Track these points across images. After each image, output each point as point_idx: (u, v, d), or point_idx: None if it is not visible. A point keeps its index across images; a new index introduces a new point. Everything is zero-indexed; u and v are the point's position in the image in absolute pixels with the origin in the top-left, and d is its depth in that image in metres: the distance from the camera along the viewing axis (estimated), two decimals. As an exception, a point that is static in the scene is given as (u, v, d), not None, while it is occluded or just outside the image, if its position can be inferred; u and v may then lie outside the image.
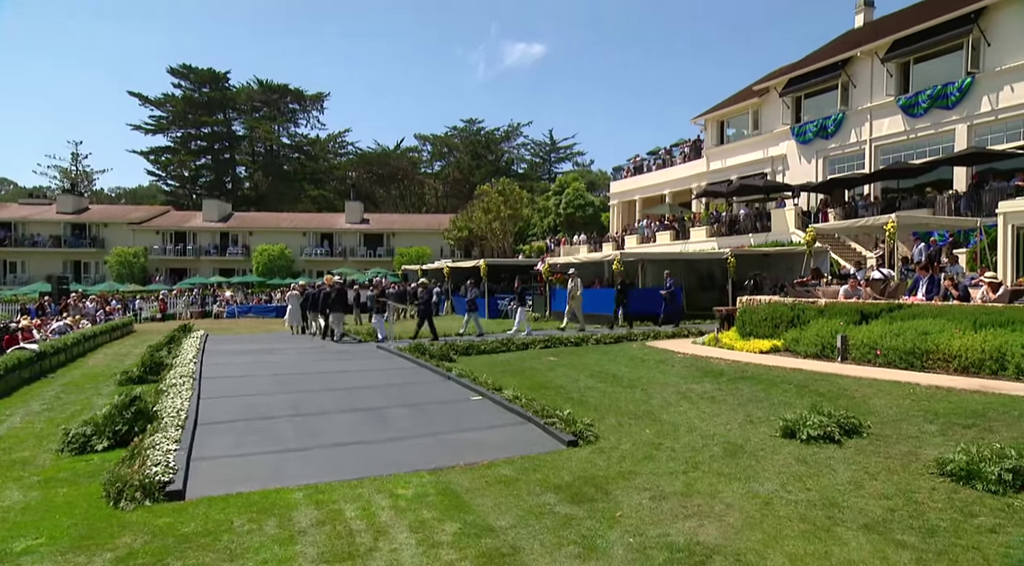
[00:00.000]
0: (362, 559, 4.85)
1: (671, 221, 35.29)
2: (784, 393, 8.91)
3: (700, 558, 4.63)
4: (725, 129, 36.79)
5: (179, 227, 57.74)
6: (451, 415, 9.18)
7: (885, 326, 10.71)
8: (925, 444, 6.42)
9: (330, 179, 79.59)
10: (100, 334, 23.86)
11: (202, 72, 74.21)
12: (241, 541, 5.21)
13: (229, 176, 79.08)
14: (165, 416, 8.69)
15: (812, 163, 31.24)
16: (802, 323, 12.59)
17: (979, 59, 25.53)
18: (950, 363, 9.39)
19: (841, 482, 5.81)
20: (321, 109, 79.84)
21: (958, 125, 26.17)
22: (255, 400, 10.29)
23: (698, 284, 26.49)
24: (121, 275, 52.18)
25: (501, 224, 45.44)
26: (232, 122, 77.58)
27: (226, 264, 56.12)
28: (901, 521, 4.98)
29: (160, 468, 6.64)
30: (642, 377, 11.13)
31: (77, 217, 57.49)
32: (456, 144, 79.20)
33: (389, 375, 12.52)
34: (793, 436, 6.94)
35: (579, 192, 50.02)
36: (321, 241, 57.09)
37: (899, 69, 28.27)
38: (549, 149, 79.56)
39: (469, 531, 5.30)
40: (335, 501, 6.04)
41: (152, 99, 74.27)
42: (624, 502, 5.77)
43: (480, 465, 6.98)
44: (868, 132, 29.05)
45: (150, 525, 5.63)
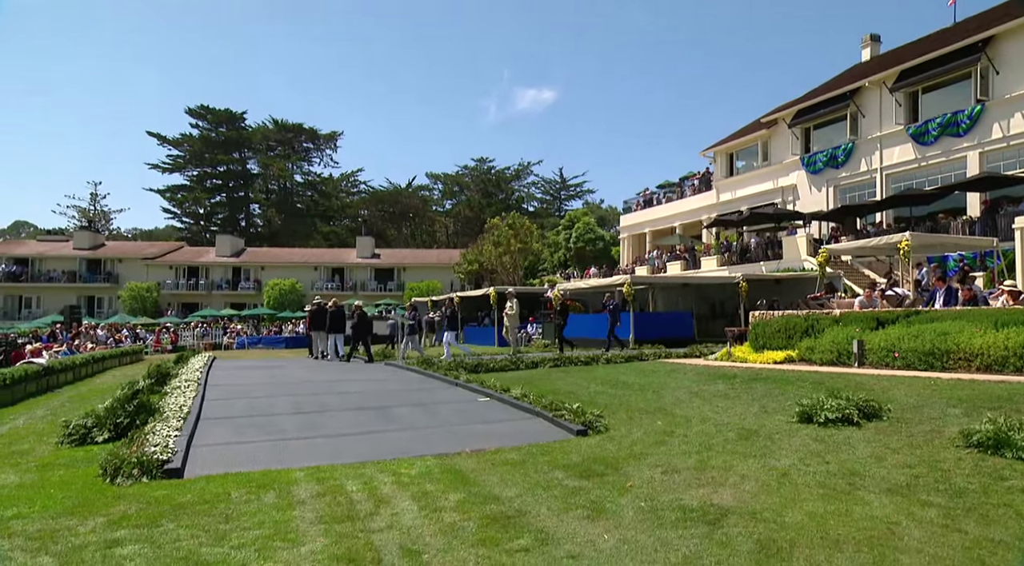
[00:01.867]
0: (362, 521, 4.66)
1: (682, 251, 35.19)
2: (799, 389, 8.66)
3: (714, 517, 4.41)
4: (734, 161, 36.95)
5: (192, 262, 58.24)
6: (458, 413, 8.98)
7: (903, 330, 10.47)
8: (948, 424, 6.17)
9: (342, 217, 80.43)
10: (109, 358, 23.81)
11: (219, 112, 75.93)
12: (238, 508, 5.03)
13: (243, 213, 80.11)
14: (167, 411, 8.55)
15: (823, 192, 31.22)
16: (816, 332, 12.35)
17: (988, 87, 25.63)
18: (972, 362, 9.11)
19: (861, 456, 5.57)
20: (335, 148, 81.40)
21: (969, 152, 26.13)
22: (258, 401, 10.14)
23: (709, 312, 26.22)
24: (133, 309, 52.45)
25: (511, 258, 45.47)
26: (247, 161, 78.97)
27: (237, 298, 56.36)
28: (926, 485, 4.74)
29: (159, 449, 6.49)
30: (652, 383, 10.89)
31: (93, 253, 58.17)
32: (467, 183, 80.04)
33: (396, 383, 12.34)
34: (810, 420, 6.70)
35: (589, 226, 50.15)
36: (332, 276, 57.35)
37: (908, 98, 28.41)
38: (559, 187, 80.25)
39: (473, 499, 5.10)
40: (336, 479, 5.85)
41: (170, 139, 75.95)
42: (635, 476, 5.55)
43: (487, 451, 6.77)
44: (879, 161, 29.06)
45: (146, 496, 5.46)
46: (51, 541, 4.41)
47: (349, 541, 4.25)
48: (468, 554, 3.98)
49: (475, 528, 4.43)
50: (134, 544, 4.26)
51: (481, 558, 3.91)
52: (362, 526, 4.55)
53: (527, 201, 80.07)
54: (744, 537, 4.03)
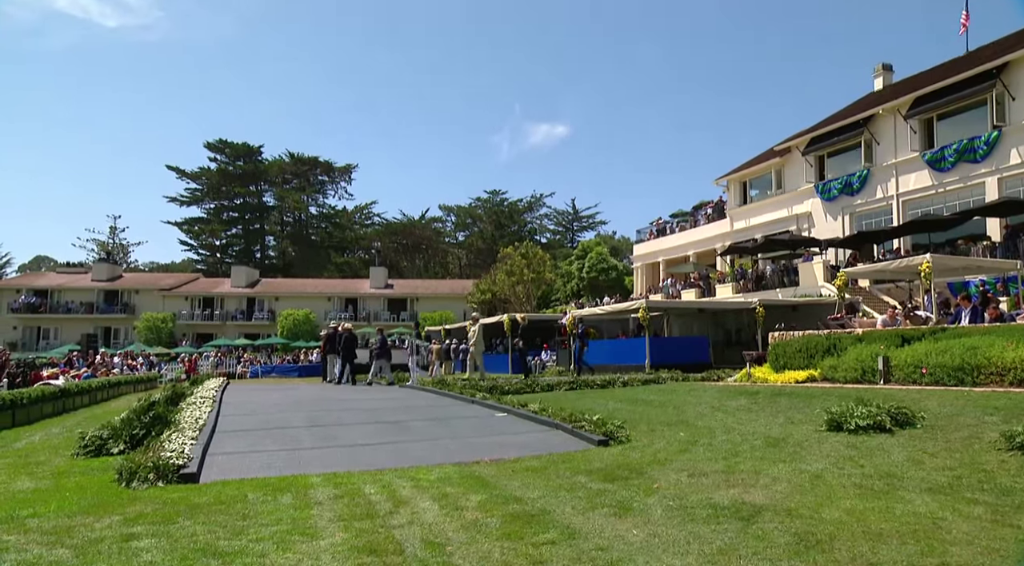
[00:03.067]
0: (382, 519, 4.53)
1: (696, 279, 34.97)
2: (825, 401, 8.42)
3: (747, 514, 4.24)
4: (748, 189, 36.91)
5: (207, 293, 58.62)
6: (475, 427, 8.84)
7: (930, 345, 10.23)
8: (987, 430, 5.95)
9: (356, 248, 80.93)
10: (124, 384, 23.86)
11: (237, 146, 77.21)
12: (255, 508, 4.91)
13: (258, 245, 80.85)
14: (183, 423, 8.47)
15: (838, 220, 31.02)
16: (839, 351, 12.10)
17: (1004, 113, 25.54)
18: (1004, 377, 8.86)
19: (897, 460, 5.38)
20: (349, 180, 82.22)
21: (987, 178, 25.93)
22: (272, 416, 10.04)
23: (725, 338, 25.95)
24: (149, 340, 52.73)
25: (524, 287, 45.41)
26: (263, 193, 79.97)
27: (251, 329, 56.51)
28: (970, 485, 4.55)
29: (175, 454, 6.40)
30: (672, 400, 10.68)
31: (110, 284, 58.76)
32: (480, 215, 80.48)
33: (411, 401, 12.20)
34: (840, 428, 6.49)
35: (602, 256, 50.09)
36: (345, 306, 57.45)
37: (923, 125, 28.36)
38: (572, 218, 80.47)
39: (495, 500, 4.95)
40: (353, 483, 5.72)
41: (189, 172, 77.18)
42: (661, 479, 5.38)
43: (506, 460, 6.62)
44: (895, 187, 28.90)
45: (161, 498, 5.36)
46: (67, 536, 4.31)
47: (369, 535, 4.12)
48: (492, 546, 3.84)
49: (498, 524, 4.29)
50: (150, 538, 4.16)
51: (506, 550, 3.76)
52: (382, 523, 4.42)
53: (540, 233, 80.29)
54: (781, 531, 3.86)
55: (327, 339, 20.45)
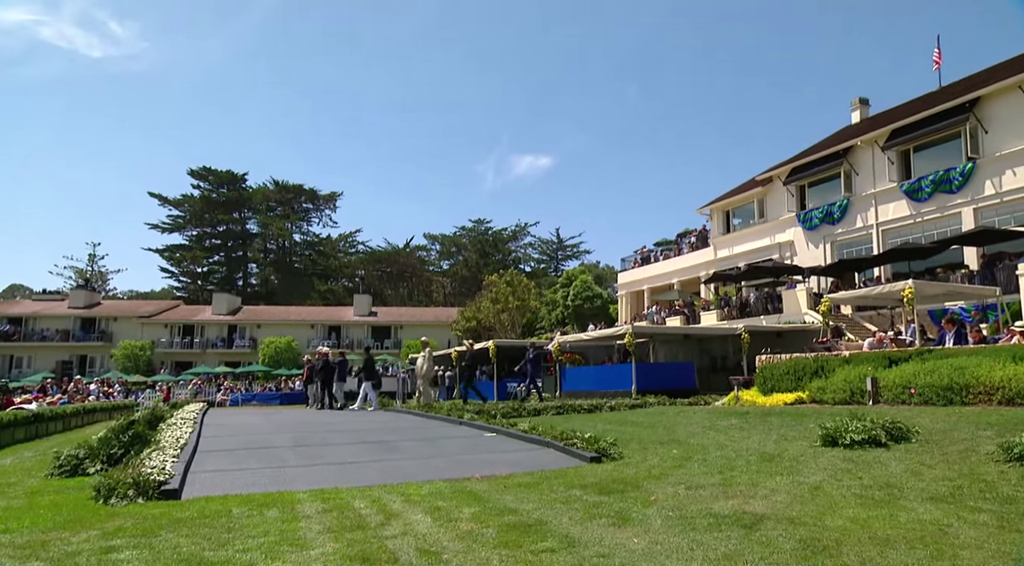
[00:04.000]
0: (373, 530, 4.37)
1: (680, 307, 35.10)
2: (817, 420, 8.37)
3: (749, 522, 4.15)
4: (731, 218, 37.33)
5: (187, 320, 57.82)
6: (464, 446, 8.67)
7: (917, 366, 10.26)
8: (982, 443, 5.93)
9: (340, 276, 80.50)
10: (100, 411, 23.28)
11: (221, 174, 76.94)
12: (240, 522, 4.73)
13: (240, 272, 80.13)
14: (164, 442, 8.23)
15: (820, 248, 31.41)
16: (827, 373, 12.11)
17: (978, 145, 26.17)
18: (992, 396, 8.88)
19: (896, 472, 5.32)
20: (334, 208, 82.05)
21: (963, 208, 26.44)
22: (256, 437, 9.80)
23: (710, 365, 25.92)
24: (126, 368, 51.73)
25: (509, 315, 45.32)
26: (247, 220, 79.55)
27: (232, 357, 55.69)
28: (972, 495, 4.50)
29: (155, 471, 6.18)
30: (662, 421, 10.60)
31: (87, 311, 57.77)
32: (464, 243, 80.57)
33: (397, 422, 11.99)
34: (835, 443, 6.44)
35: (587, 284, 50.21)
36: (329, 333, 56.87)
37: (900, 156, 28.96)
38: (556, 247, 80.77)
39: (489, 512, 4.82)
40: (342, 498, 5.55)
41: (171, 199, 76.68)
42: (657, 492, 5.28)
43: (498, 476, 6.47)
44: (874, 217, 29.37)
45: (142, 514, 5.15)
46: (41, 549, 4.12)
47: (361, 545, 3.97)
48: (490, 554, 3.71)
49: (494, 534, 4.15)
50: (131, 550, 3.97)
51: (505, 557, 3.64)
52: (373, 534, 4.27)
53: (524, 261, 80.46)
54: (785, 538, 3.78)
55: (311, 367, 20.17)
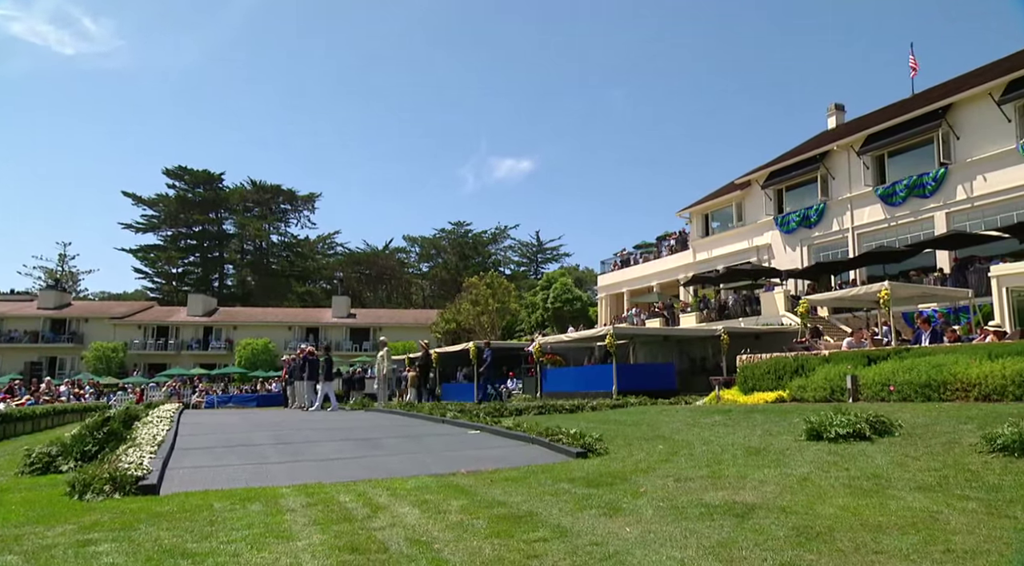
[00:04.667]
0: (360, 522, 4.29)
1: (660, 309, 35.30)
2: (800, 416, 8.43)
3: (741, 511, 4.14)
4: (710, 221, 37.66)
5: (162, 321, 56.89)
6: (449, 443, 8.60)
7: (896, 364, 10.40)
8: (964, 436, 6.00)
9: (318, 278, 79.80)
10: (71, 412, 22.77)
11: (197, 173, 75.88)
12: (223, 515, 4.61)
13: (216, 274, 79.05)
14: (141, 439, 8.04)
15: (797, 251, 31.78)
16: (807, 372, 12.22)
17: (950, 151, 26.68)
18: (969, 392, 9.02)
19: (881, 464, 5.35)
20: (312, 209, 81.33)
21: (936, 212, 26.91)
22: (235, 435, 9.63)
23: (689, 366, 26.05)
24: (98, 370, 50.71)
25: (489, 317, 45.23)
26: (224, 221, 78.51)
27: (207, 359, 54.87)
28: (958, 484, 4.53)
29: (133, 466, 6.03)
30: (645, 419, 10.59)
31: (58, 312, 56.57)
32: (444, 246, 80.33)
33: (379, 421, 11.87)
34: (820, 437, 6.47)
35: (567, 287, 50.28)
36: (307, 335, 56.27)
37: (875, 161, 29.42)
38: (536, 250, 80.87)
39: (477, 504, 4.75)
40: (326, 492, 5.45)
41: (145, 199, 75.44)
42: (646, 484, 5.25)
43: (484, 471, 6.41)
44: (850, 220, 29.79)
45: (119, 508, 5.01)
46: (15, 543, 3.98)
47: (349, 536, 3.88)
48: (482, 544, 3.65)
49: (485, 525, 4.09)
50: (109, 543, 3.85)
51: (497, 546, 3.58)
52: (361, 526, 4.19)
53: (504, 264, 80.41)
54: (778, 526, 3.77)
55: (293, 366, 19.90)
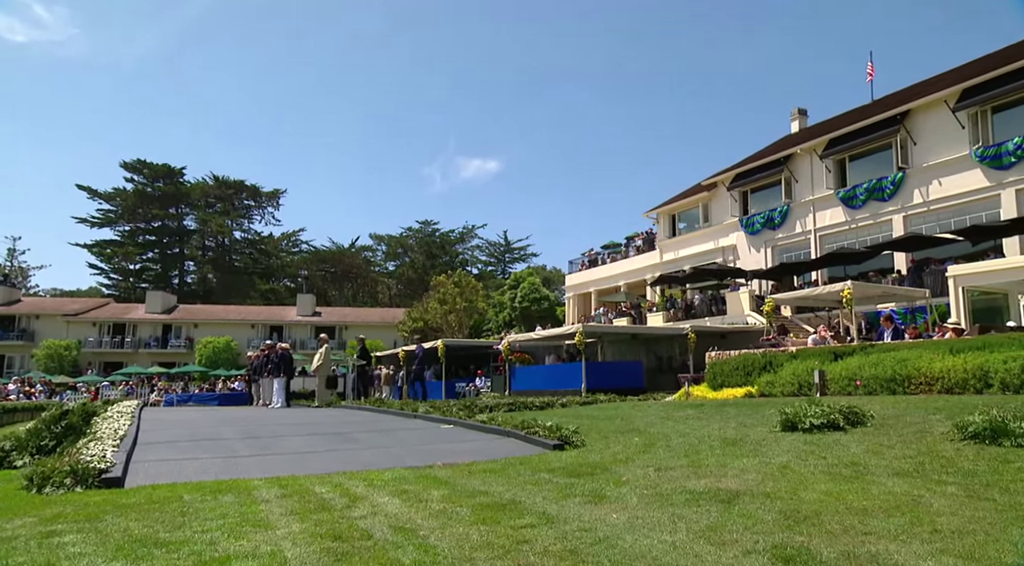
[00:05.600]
0: (340, 512, 4.17)
1: (627, 308, 35.56)
2: (772, 408, 8.53)
3: (726, 497, 4.13)
4: (677, 222, 38.07)
5: (118, 319, 55.31)
6: (422, 437, 8.48)
7: (862, 359, 10.61)
8: (935, 426, 6.11)
9: (282, 276, 78.51)
10: (21, 410, 22.00)
11: (157, 167, 73.91)
12: (194, 506, 4.44)
13: (176, 270, 77.15)
14: (102, 433, 7.73)
15: (761, 252, 32.31)
16: (775, 368, 12.40)
17: (908, 156, 27.42)
18: (933, 386, 9.24)
19: (857, 452, 5.42)
20: (277, 206, 79.88)
21: (894, 216, 27.61)
22: (201, 430, 9.34)
23: (656, 365, 26.30)
24: (49, 368, 49.07)
25: (456, 316, 45.04)
26: (184, 217, 76.65)
27: (167, 357, 53.55)
28: (934, 470, 4.60)
29: (96, 458, 5.78)
30: (618, 414, 10.61)
31: (7, 309, 54.57)
32: (411, 245, 79.75)
33: (349, 416, 11.67)
34: (794, 428, 6.54)
35: (535, 286, 50.36)
36: (270, 333, 55.14)
37: (836, 165, 30.09)
38: (504, 250, 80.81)
39: (458, 494, 4.67)
40: (301, 484, 5.30)
41: (101, 193, 73.26)
42: (627, 474, 5.23)
43: (460, 464, 6.31)
44: (812, 223, 30.39)
45: (82, 501, 4.79)
46: (-29, 536, 3.75)
47: (329, 525, 3.77)
48: (468, 530, 3.57)
49: (469, 513, 4.01)
50: (75, 534, 3.66)
51: (485, 533, 3.50)
52: (341, 515, 4.07)
53: (471, 264, 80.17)
54: (765, 510, 3.77)
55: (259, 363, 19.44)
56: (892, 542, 3.04)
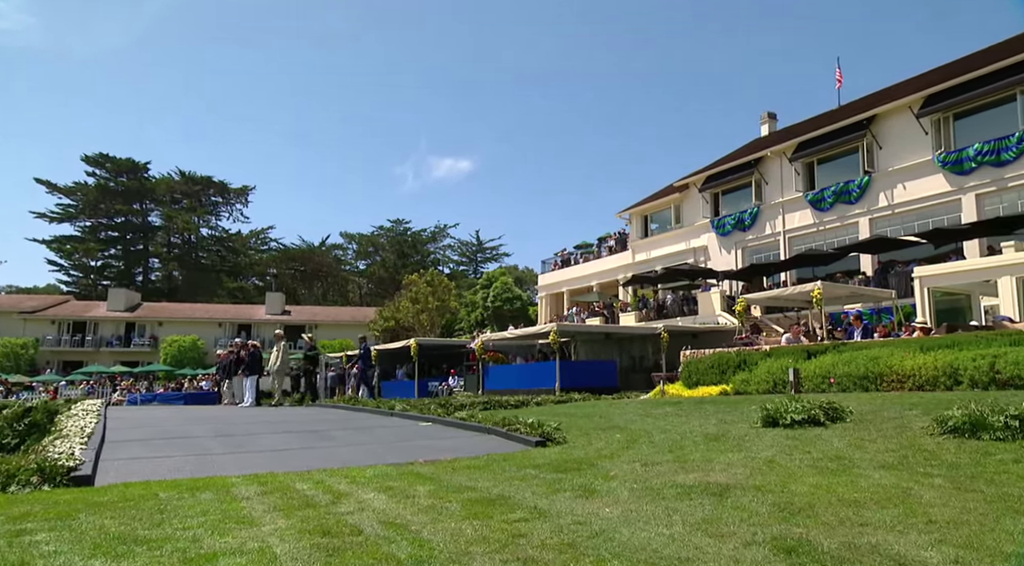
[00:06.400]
0: (325, 508, 4.06)
1: (600, 308, 35.73)
2: (751, 405, 8.60)
3: (717, 491, 4.12)
4: (649, 223, 38.37)
5: (79, 317, 53.81)
6: (401, 434, 8.35)
7: (835, 357, 10.78)
8: (912, 421, 6.21)
9: (250, 274, 77.23)
10: (-22, 410, 21.23)
11: (120, 161, 72.04)
12: (172, 504, 4.28)
13: (140, 267, 75.36)
14: (68, 431, 7.47)
15: (732, 253, 32.71)
16: (750, 366, 12.54)
17: (874, 160, 28.01)
18: (904, 383, 9.42)
19: (840, 447, 5.47)
20: (245, 203, 78.44)
21: (861, 218, 28.18)
22: (171, 428, 9.09)
23: (629, 364, 26.46)
24: (5, 368, 47.57)
25: (428, 316, 44.79)
26: (149, 213, 74.88)
27: (130, 356, 52.25)
28: (919, 463, 4.65)
29: (64, 456, 5.57)
30: (596, 412, 10.61)
31: (-40, 308, 52.89)
32: (382, 243, 79.11)
33: (323, 414, 11.48)
34: (775, 424, 6.59)
35: (507, 286, 50.32)
36: (238, 332, 54.12)
37: (805, 168, 30.61)
38: (476, 249, 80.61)
39: (445, 489, 4.58)
40: (280, 481, 5.15)
41: (61, 187, 71.20)
42: (614, 469, 5.19)
43: (442, 461, 6.22)
44: (781, 224, 30.87)
45: (51, 500, 4.59)
46: (-66, 535, 3.55)
47: (316, 521, 3.65)
48: (461, 525, 3.49)
49: (459, 508, 3.93)
50: (47, 532, 3.49)
51: (478, 527, 3.43)
52: (326, 511, 3.95)
53: (443, 263, 79.81)
54: (758, 503, 3.76)
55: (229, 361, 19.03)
56: (890, 533, 3.04)
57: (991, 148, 23.90)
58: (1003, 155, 23.57)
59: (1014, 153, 23.23)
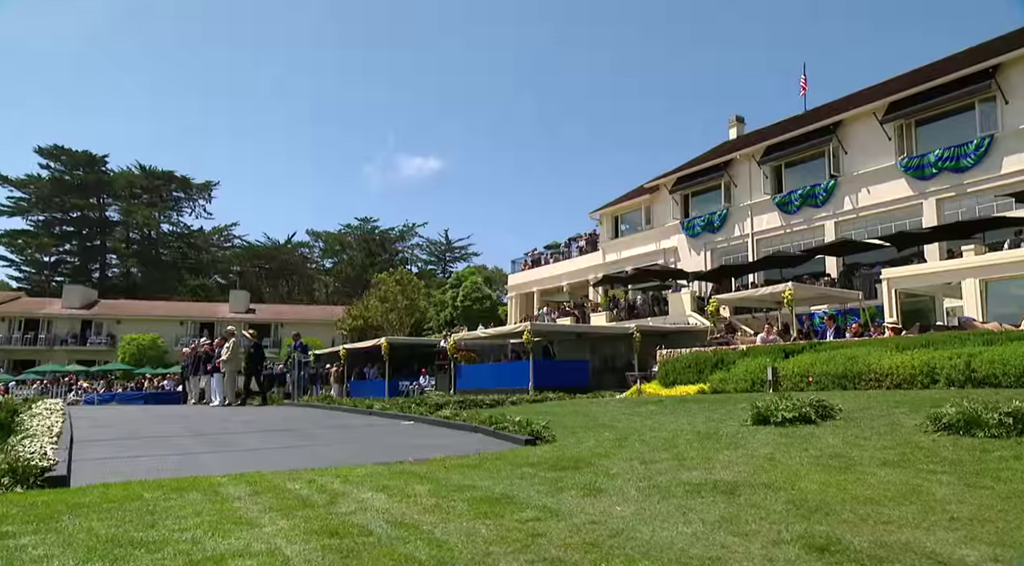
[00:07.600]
0: (324, 508, 3.89)
1: (571, 308, 35.79)
2: (734, 403, 8.64)
3: (726, 489, 4.07)
4: (620, 224, 38.59)
5: (31, 314, 51.95)
6: (385, 433, 8.17)
7: (813, 356, 10.91)
8: (903, 419, 6.27)
9: (213, 271, 75.55)
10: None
11: (76, 154, 69.73)
12: (161, 505, 4.06)
13: (97, 263, 73.16)
14: (35, 431, 7.11)
15: (701, 255, 33.07)
16: (727, 365, 12.62)
17: (839, 164, 28.58)
18: (882, 382, 9.57)
19: (836, 444, 5.48)
20: (209, 199, 76.60)
21: (826, 221, 28.73)
22: (143, 427, 8.76)
23: (601, 365, 26.52)
24: (-50, 367, 45.81)
25: (398, 315, 44.36)
26: (107, 207, 72.67)
27: (87, 355, 50.61)
28: (920, 460, 4.67)
29: (37, 455, 5.27)
30: (578, 410, 10.57)
31: (-97, 304, 50.64)
32: (350, 242, 78.12)
33: (301, 412, 11.21)
34: (766, 422, 6.59)
35: (477, 285, 50.12)
36: (201, 331, 52.83)
37: (773, 171, 31.10)
38: (445, 249, 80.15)
39: (446, 488, 4.45)
40: (269, 481, 4.95)
41: (12, 179, 68.65)
42: (613, 467, 5.11)
43: (433, 459, 6.07)
44: (750, 227, 31.32)
45: (26, 502, 4.31)
46: (-97, 541, 3.29)
47: (320, 521, 3.49)
48: (473, 524, 3.37)
49: (466, 508, 3.81)
50: (31, 536, 3.27)
51: (491, 527, 3.31)
52: (327, 511, 3.79)
53: (412, 262, 79.17)
54: (772, 501, 3.71)
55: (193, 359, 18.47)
56: (917, 530, 3.02)
57: (951, 154, 24.57)
58: (962, 161, 24.25)
59: (972, 160, 23.91)
